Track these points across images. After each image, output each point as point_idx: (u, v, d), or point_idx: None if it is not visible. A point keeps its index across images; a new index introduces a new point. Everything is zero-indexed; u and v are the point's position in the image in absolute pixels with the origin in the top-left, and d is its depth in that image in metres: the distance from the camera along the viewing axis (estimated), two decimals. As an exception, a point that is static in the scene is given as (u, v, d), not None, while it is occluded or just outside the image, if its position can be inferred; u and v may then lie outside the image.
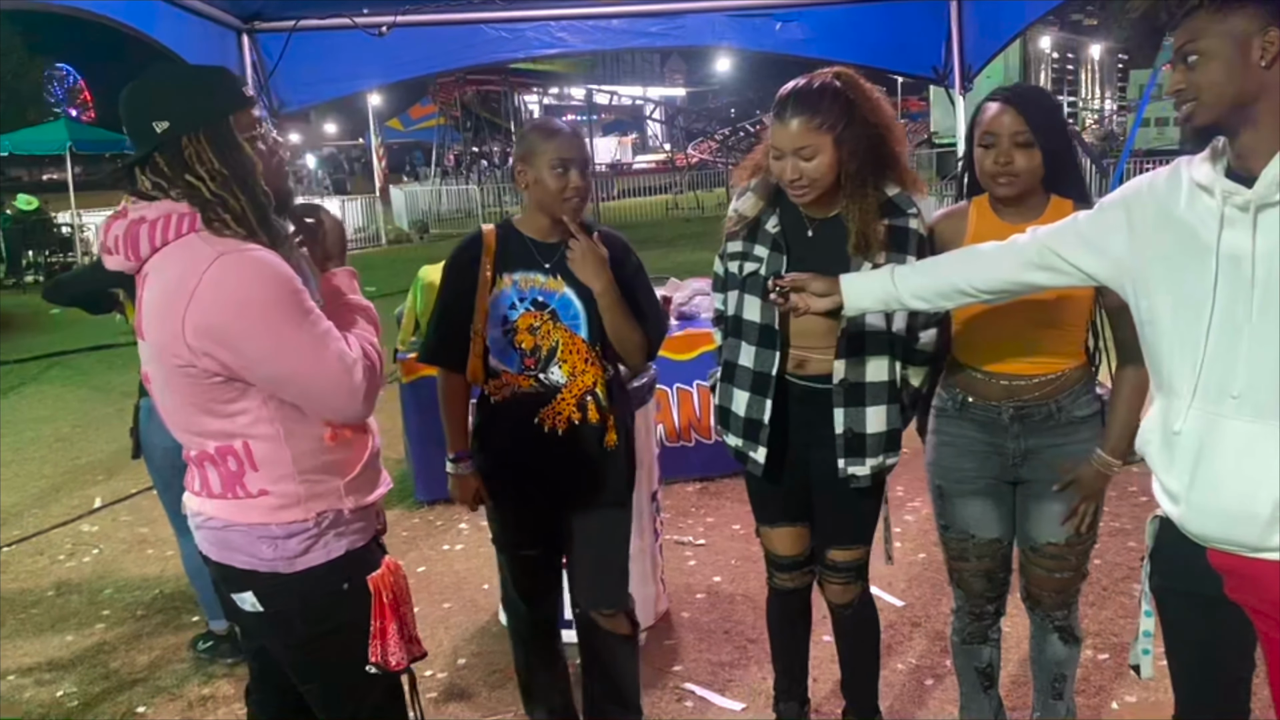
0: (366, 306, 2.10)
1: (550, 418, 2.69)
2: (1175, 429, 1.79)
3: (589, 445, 2.73)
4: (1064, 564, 2.57)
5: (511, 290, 2.67)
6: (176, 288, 1.81)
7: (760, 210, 2.61)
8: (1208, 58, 1.70)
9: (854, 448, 2.58)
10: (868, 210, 2.46)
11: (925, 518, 4.85)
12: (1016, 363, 2.47)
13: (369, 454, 2.04)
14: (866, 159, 2.43)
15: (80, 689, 3.77)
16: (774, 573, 2.90)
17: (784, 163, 2.43)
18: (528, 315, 2.66)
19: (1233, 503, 1.73)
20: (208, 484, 1.96)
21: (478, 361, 2.71)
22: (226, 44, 4.73)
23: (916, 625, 3.85)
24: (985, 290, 2.16)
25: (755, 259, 2.60)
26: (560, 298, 2.67)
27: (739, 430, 2.69)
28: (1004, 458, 2.53)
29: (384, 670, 2.03)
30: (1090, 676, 3.38)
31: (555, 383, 2.68)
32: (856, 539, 2.77)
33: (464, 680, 3.66)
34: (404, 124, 31.29)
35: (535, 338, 2.67)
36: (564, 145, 2.58)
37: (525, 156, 2.62)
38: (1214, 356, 1.74)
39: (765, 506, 2.85)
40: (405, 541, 4.97)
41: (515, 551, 2.91)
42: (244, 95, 1.95)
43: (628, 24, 5.42)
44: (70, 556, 5.15)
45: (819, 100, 2.39)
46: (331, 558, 1.98)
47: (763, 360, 2.61)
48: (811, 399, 2.61)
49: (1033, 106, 2.38)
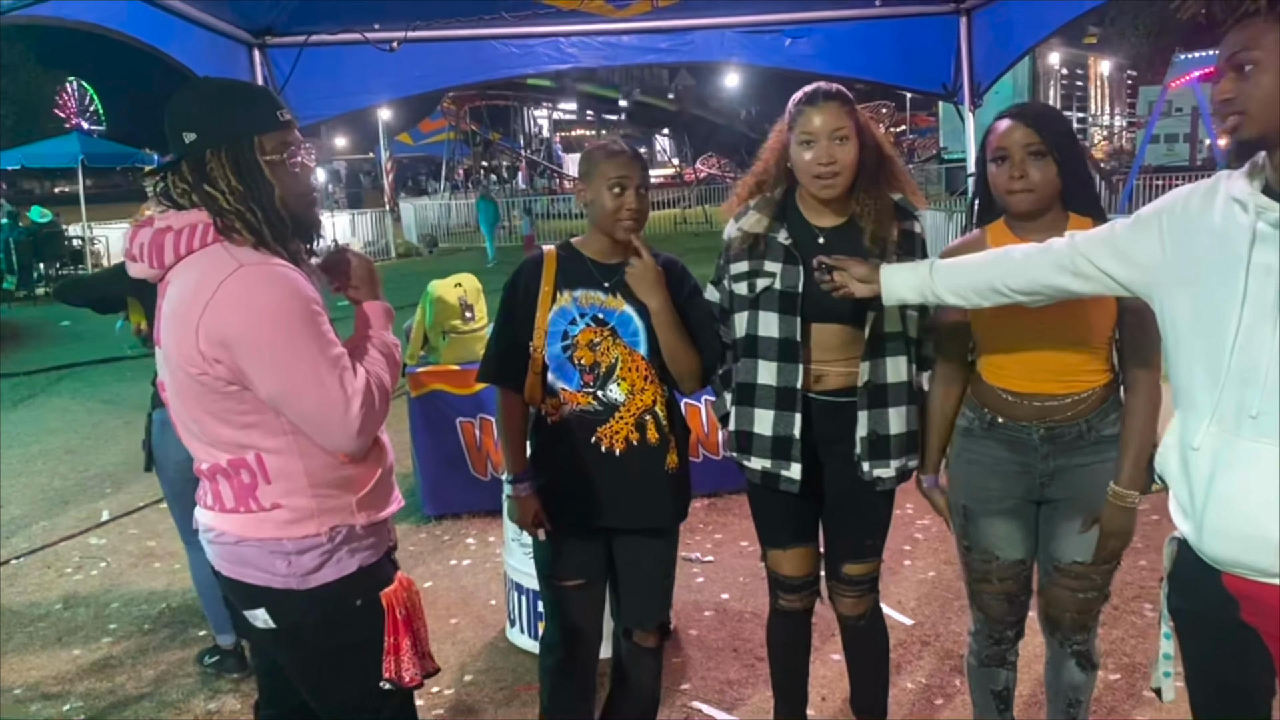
0: (388, 344, 2.07)
1: (608, 437, 2.64)
2: (1194, 445, 1.76)
3: (648, 467, 2.67)
4: (1089, 584, 2.53)
5: (572, 306, 2.64)
6: (194, 295, 1.82)
7: (767, 226, 2.64)
8: (1262, 69, 1.64)
9: (879, 450, 2.61)
10: (883, 210, 2.56)
11: (935, 535, 4.82)
12: (1049, 384, 2.43)
13: (382, 470, 2.04)
14: (878, 160, 2.58)
15: (86, 703, 3.75)
16: (780, 594, 2.87)
17: (817, 148, 2.50)
18: (588, 331, 2.64)
19: (1247, 525, 1.70)
20: (220, 498, 1.95)
21: (536, 379, 2.67)
22: (238, 59, 4.75)
23: (926, 644, 3.83)
24: (1018, 290, 2.15)
25: (768, 274, 2.61)
26: (620, 315, 2.65)
27: (765, 450, 2.65)
28: (1031, 477, 2.50)
29: (398, 686, 2.02)
30: (1102, 697, 3.35)
31: (613, 400, 2.64)
32: (871, 552, 2.79)
33: (471, 697, 3.64)
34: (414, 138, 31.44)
35: (595, 354, 2.63)
36: (622, 165, 2.58)
37: (585, 175, 2.63)
38: (1235, 375, 1.70)
39: (775, 529, 2.81)
40: (412, 557, 4.95)
41: (565, 582, 2.76)
42: (277, 118, 1.94)
43: (638, 39, 5.43)
44: (78, 570, 5.15)
45: (844, 92, 2.56)
46: (344, 574, 1.97)
47: (786, 375, 2.61)
48: (831, 414, 2.63)
49: (1043, 120, 2.38)
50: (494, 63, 5.41)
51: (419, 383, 5.27)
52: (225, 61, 4.59)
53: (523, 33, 5.24)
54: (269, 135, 1.91)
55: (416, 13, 4.79)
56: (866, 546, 2.78)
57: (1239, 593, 1.78)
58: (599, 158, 2.61)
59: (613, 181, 2.56)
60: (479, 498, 5.37)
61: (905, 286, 2.30)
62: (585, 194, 2.64)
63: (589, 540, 2.74)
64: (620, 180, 2.56)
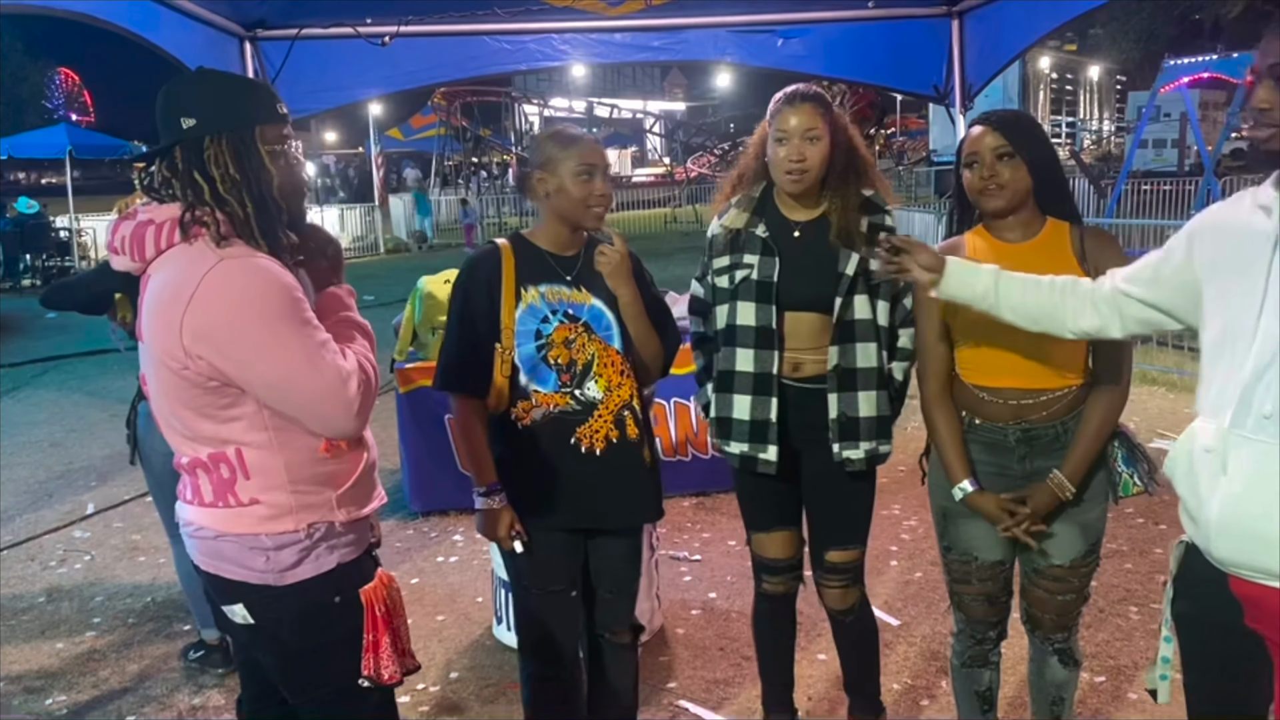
0: (363, 324, 2.09)
1: (588, 437, 2.57)
2: (1207, 447, 1.77)
3: (630, 463, 2.62)
4: (1067, 586, 2.56)
5: (541, 303, 2.55)
6: (176, 290, 1.81)
7: (746, 221, 2.75)
8: None
9: (848, 432, 2.68)
10: (849, 205, 2.67)
11: (922, 537, 4.84)
12: (1021, 378, 2.45)
13: (364, 466, 2.02)
14: (848, 159, 2.68)
15: (69, 697, 3.73)
16: (764, 577, 2.94)
17: (789, 146, 2.61)
18: (563, 328, 2.56)
19: (1255, 525, 1.70)
20: (199, 492, 1.95)
21: (505, 382, 2.56)
22: (229, 51, 4.73)
23: (912, 644, 3.83)
24: (1078, 334, 2.14)
25: (746, 265, 2.71)
26: (590, 309, 2.59)
27: (743, 435, 2.72)
28: (1008, 479, 2.52)
29: (376, 683, 2.01)
30: (1086, 699, 3.36)
31: (592, 399, 2.57)
32: (853, 539, 2.85)
33: (456, 694, 3.63)
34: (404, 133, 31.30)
35: (571, 351, 2.56)
36: (588, 151, 2.51)
37: (545, 164, 2.52)
38: (1253, 377, 1.70)
39: (758, 512, 2.89)
40: (399, 553, 4.94)
41: (545, 589, 2.66)
42: (277, 111, 1.95)
43: (630, 38, 5.43)
44: (62, 563, 5.12)
45: (821, 96, 2.66)
46: (322, 571, 1.96)
47: (762, 361, 2.69)
48: (807, 400, 2.71)
49: (1010, 125, 2.43)
50: (486, 58, 5.40)
51: (407, 379, 5.25)
52: (216, 54, 4.56)
53: (515, 29, 5.24)
54: (270, 126, 1.92)
55: (409, 8, 4.79)
56: (847, 532, 2.83)
57: (1244, 596, 1.78)
58: (559, 145, 2.52)
59: (580, 169, 2.48)
60: (466, 495, 5.26)
61: (965, 286, 2.22)
62: (546, 183, 2.52)
63: (569, 544, 2.66)
64: (588, 167, 2.49)
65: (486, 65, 5.53)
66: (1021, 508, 2.45)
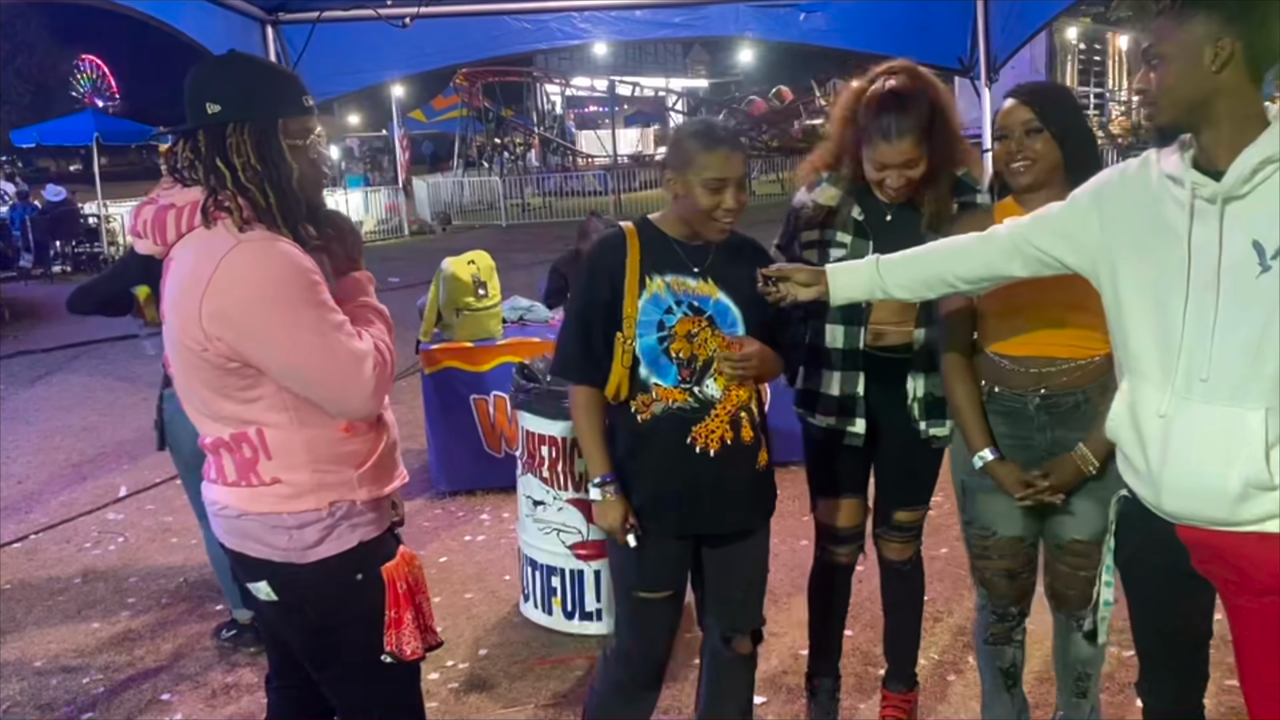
0: (382, 310, 2.10)
1: (703, 437, 2.44)
2: (1160, 413, 1.88)
3: (743, 467, 2.50)
4: (1090, 561, 2.53)
5: (665, 293, 2.42)
6: (195, 273, 1.83)
7: (840, 200, 2.75)
8: (1166, 61, 1.81)
9: (934, 410, 2.75)
10: (943, 194, 2.69)
11: (947, 513, 4.81)
12: (1044, 345, 2.43)
13: (384, 445, 2.04)
14: (946, 150, 2.64)
15: (105, 675, 3.80)
16: (831, 547, 2.97)
17: (887, 174, 2.60)
18: (686, 321, 2.42)
19: (1205, 481, 1.84)
20: (223, 472, 1.98)
21: (624, 374, 2.43)
22: (251, 35, 4.76)
23: (938, 620, 3.84)
24: (967, 281, 2.26)
25: (840, 244, 2.72)
26: (716, 303, 2.45)
27: (831, 409, 2.78)
28: (1030, 452, 2.50)
29: (399, 659, 2.04)
30: (1115, 674, 3.35)
31: (710, 397, 2.44)
32: (921, 499, 2.94)
33: (485, 670, 3.67)
34: (427, 115, 31.30)
35: (692, 346, 2.42)
36: (724, 163, 2.33)
37: (678, 165, 2.37)
38: (1189, 343, 1.84)
39: (832, 480, 2.91)
40: (426, 532, 4.99)
41: (649, 594, 2.56)
42: (304, 104, 1.95)
43: (651, 14, 5.42)
44: (96, 544, 5.20)
45: (919, 117, 2.54)
46: (344, 549, 1.98)
47: (851, 338, 2.74)
48: (888, 369, 2.76)
49: (1041, 98, 2.42)
50: (507, 38, 5.41)
51: (432, 359, 5.28)
52: (238, 38, 4.59)
53: (535, 8, 5.24)
54: (294, 119, 1.92)
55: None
56: (917, 494, 2.93)
57: (1192, 542, 1.93)
58: (697, 148, 2.35)
59: (712, 181, 2.33)
60: (492, 474, 5.38)
61: (852, 286, 2.32)
62: (675, 184, 2.38)
63: (677, 549, 2.56)
64: (719, 181, 2.33)
65: (507, 45, 5.54)
66: (1041, 480, 2.44)
